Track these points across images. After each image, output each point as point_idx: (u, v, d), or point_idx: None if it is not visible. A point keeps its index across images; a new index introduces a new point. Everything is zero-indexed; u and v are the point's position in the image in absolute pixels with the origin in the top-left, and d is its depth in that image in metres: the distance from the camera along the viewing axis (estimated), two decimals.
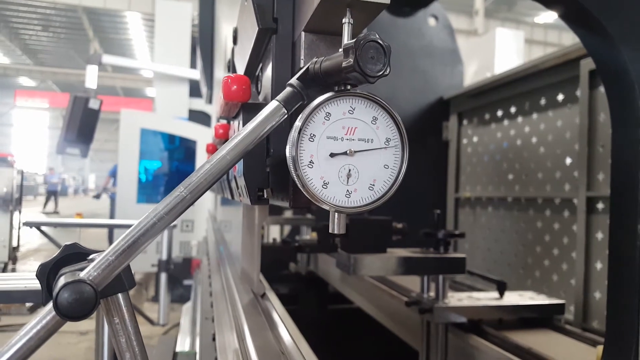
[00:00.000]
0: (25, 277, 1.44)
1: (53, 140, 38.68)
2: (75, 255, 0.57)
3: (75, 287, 0.47)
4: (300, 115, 0.55)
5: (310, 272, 3.78)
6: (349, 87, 0.56)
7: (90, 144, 7.01)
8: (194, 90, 7.72)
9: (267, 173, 0.69)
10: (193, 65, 7.61)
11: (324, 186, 0.55)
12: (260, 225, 1.27)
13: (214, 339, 1.47)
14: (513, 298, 2.11)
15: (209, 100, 4.91)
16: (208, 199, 6.11)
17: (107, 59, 7.56)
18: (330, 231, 0.57)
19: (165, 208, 0.52)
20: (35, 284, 1.07)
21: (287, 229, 4.92)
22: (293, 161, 0.53)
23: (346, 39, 0.55)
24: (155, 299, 6.07)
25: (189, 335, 2.45)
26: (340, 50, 0.54)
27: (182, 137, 7.51)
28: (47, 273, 0.56)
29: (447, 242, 1.98)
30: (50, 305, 0.48)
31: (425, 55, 4.09)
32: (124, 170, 7.07)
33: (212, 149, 1.60)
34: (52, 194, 23.00)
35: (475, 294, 2.12)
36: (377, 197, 0.57)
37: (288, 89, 0.57)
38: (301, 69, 0.59)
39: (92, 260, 0.52)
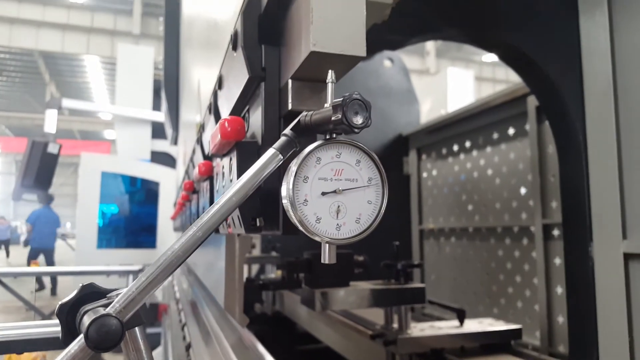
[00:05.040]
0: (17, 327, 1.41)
1: (5, 186, 37.11)
2: (92, 294, 0.61)
3: (104, 321, 0.52)
4: (295, 160, 0.63)
5: (277, 312, 3.75)
6: (334, 135, 0.66)
7: (48, 189, 6.84)
8: (156, 132, 7.71)
9: (259, 204, 0.77)
10: (155, 107, 7.62)
11: (317, 221, 0.63)
12: (242, 258, 1.33)
13: None
14: (473, 325, 2.18)
15: (174, 142, 4.95)
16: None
17: (67, 102, 7.47)
18: (322, 261, 0.64)
19: (182, 247, 0.58)
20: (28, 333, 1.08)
21: (254, 268, 4.90)
22: (290, 200, 0.61)
23: (330, 96, 0.65)
24: (119, 349, 5.83)
25: None
26: (327, 104, 0.64)
27: (143, 179, 7.44)
28: (66, 312, 0.60)
29: (407, 272, 2.06)
30: (79, 338, 0.53)
31: (383, 95, 4.28)
32: (83, 214, 6.89)
33: (189, 186, 1.67)
34: (3, 243, 22.16)
35: (437, 323, 2.19)
36: (363, 229, 0.66)
37: (283, 138, 0.66)
38: (292, 113, 0.69)
39: (112, 297, 0.57)
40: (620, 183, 1.27)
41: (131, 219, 7.50)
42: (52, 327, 1.18)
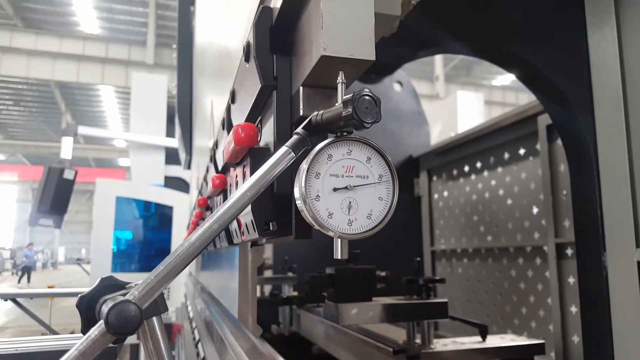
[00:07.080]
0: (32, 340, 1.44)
1: (21, 214, 37.64)
2: (111, 286, 0.63)
3: (123, 306, 0.54)
4: (307, 157, 0.66)
5: (294, 333, 3.72)
6: (345, 133, 0.68)
7: (64, 214, 6.94)
8: (170, 157, 7.83)
9: (272, 208, 0.79)
10: (169, 134, 7.76)
11: (329, 216, 0.65)
12: (254, 268, 1.34)
13: None
14: (495, 340, 2.17)
15: (188, 166, 5.03)
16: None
17: (83, 130, 7.64)
18: (334, 257, 0.66)
19: (199, 239, 0.60)
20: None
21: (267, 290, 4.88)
22: (302, 196, 0.63)
23: (340, 96, 0.67)
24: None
25: None
26: (337, 103, 0.66)
27: (157, 204, 7.52)
28: (86, 303, 0.62)
29: (429, 287, 2.06)
30: (99, 324, 0.54)
31: (393, 118, 4.32)
32: (98, 239, 6.97)
33: (202, 203, 1.70)
34: (27, 269, 22.91)
35: (459, 339, 2.17)
36: (374, 225, 0.67)
37: (295, 137, 0.69)
38: (304, 119, 0.71)
39: (130, 288, 0.59)
40: (632, 193, 1.27)
41: (145, 244, 7.56)
42: (69, 341, 1.19)
